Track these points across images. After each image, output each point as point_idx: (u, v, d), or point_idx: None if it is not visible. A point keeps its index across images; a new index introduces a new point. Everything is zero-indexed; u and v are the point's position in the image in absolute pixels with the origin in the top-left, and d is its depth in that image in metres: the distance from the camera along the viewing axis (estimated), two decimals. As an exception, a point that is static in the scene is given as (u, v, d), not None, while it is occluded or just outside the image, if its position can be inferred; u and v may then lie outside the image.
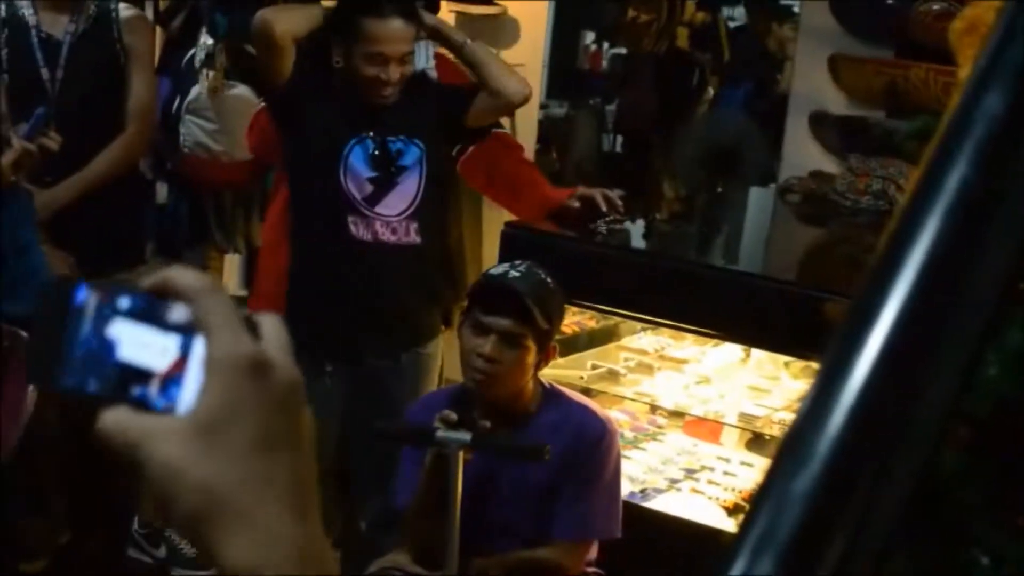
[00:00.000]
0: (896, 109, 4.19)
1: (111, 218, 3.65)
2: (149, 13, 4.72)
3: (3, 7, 3.56)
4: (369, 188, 3.26)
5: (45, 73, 3.56)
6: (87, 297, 0.70)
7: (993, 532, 0.69)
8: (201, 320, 0.70)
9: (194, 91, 4.20)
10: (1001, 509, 0.70)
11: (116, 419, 0.69)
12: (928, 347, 0.63)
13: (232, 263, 5.20)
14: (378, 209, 3.27)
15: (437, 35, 3.45)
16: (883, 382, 0.62)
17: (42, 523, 3.56)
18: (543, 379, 2.83)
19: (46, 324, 0.70)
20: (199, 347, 0.70)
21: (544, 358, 2.74)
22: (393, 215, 3.28)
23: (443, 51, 3.80)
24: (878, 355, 0.62)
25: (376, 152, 3.26)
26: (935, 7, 3.92)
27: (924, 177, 0.66)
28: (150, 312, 0.71)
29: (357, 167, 3.26)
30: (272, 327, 0.73)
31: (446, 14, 5.00)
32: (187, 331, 0.70)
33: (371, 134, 3.27)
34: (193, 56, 4.25)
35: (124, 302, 0.70)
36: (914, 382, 0.63)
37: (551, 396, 2.81)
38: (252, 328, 0.72)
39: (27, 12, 3.58)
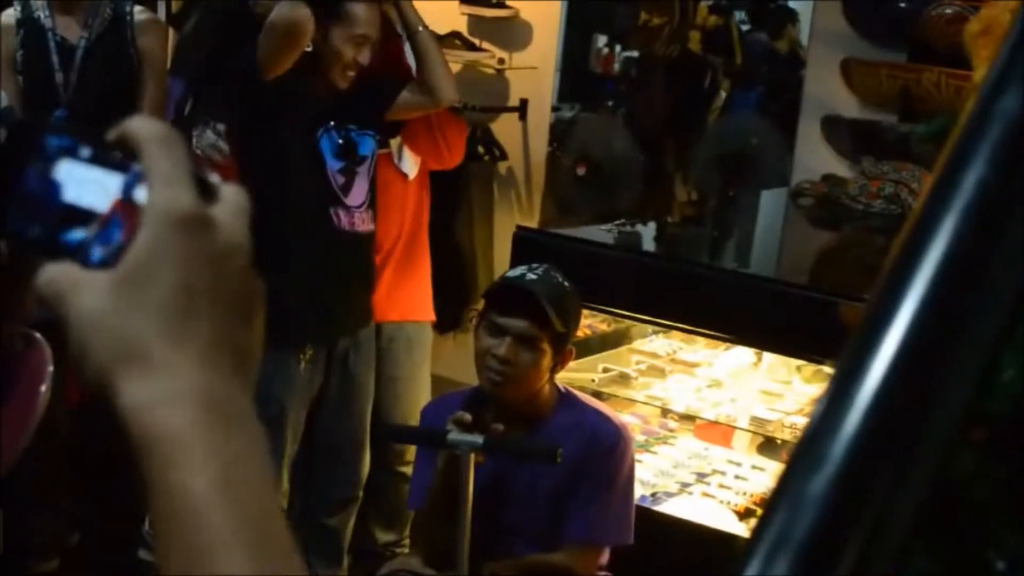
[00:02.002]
0: (909, 113, 4.18)
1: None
2: (161, 14, 4.73)
3: (18, 8, 3.56)
4: (341, 179, 3.30)
5: (59, 77, 3.56)
6: (45, 143, 0.67)
7: (1009, 535, 0.69)
8: (147, 169, 0.67)
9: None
10: (1017, 512, 0.70)
11: (49, 273, 0.67)
12: (944, 349, 0.63)
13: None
14: (348, 200, 3.33)
15: (401, 11, 3.44)
16: (899, 384, 0.62)
17: (52, 524, 3.56)
18: (559, 383, 2.83)
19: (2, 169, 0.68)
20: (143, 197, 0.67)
21: (560, 362, 2.73)
22: (357, 205, 3.35)
23: None
24: (894, 356, 0.61)
25: (341, 143, 3.31)
26: (947, 11, 3.91)
27: (941, 178, 0.66)
28: (103, 158, 0.68)
29: (328, 159, 3.31)
30: (231, 192, 0.70)
31: (458, 16, 5.00)
32: (134, 176, 0.67)
33: (332, 124, 3.32)
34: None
35: (83, 150, 0.68)
36: (930, 384, 0.63)
37: (566, 400, 2.80)
38: (207, 188, 0.69)
39: (43, 15, 3.57)
